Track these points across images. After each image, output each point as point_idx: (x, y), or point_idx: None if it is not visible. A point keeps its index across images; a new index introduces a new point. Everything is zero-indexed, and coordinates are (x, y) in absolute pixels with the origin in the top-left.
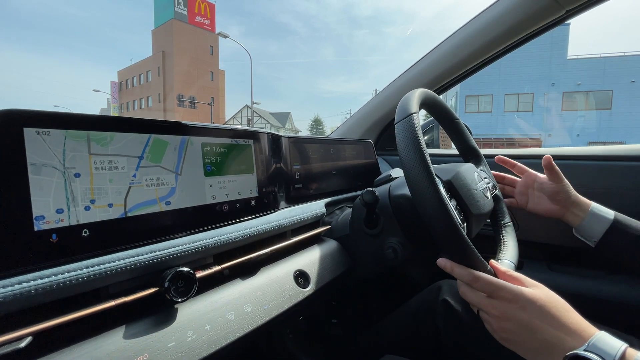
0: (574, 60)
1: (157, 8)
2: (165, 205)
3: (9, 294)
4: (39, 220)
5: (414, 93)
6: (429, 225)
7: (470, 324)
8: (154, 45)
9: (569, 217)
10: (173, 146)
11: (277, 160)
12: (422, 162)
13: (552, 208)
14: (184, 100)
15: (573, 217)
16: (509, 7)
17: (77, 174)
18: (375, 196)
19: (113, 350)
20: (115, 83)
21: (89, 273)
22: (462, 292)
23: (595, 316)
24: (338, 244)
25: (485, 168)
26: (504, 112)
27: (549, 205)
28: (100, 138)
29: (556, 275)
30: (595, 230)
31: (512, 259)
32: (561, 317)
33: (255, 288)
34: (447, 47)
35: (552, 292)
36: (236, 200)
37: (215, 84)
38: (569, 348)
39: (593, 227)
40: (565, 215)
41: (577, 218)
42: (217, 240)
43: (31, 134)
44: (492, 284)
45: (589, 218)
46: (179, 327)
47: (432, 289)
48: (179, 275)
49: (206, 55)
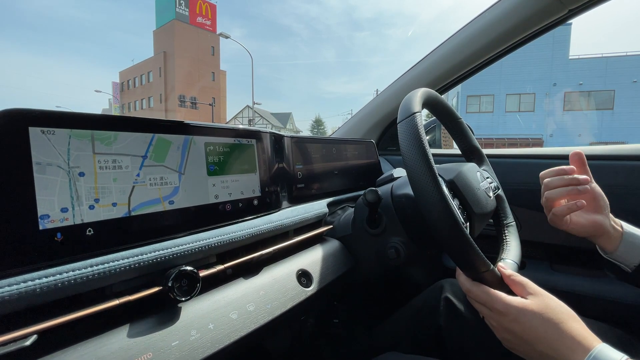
0: (576, 60)
1: (158, 9)
2: (169, 204)
3: (14, 293)
4: (43, 219)
5: (417, 92)
6: (432, 225)
7: (473, 323)
8: (155, 46)
9: (604, 240)
10: (176, 146)
11: (280, 160)
12: (425, 161)
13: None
14: (186, 100)
15: (607, 240)
16: (511, 6)
17: (82, 173)
18: (377, 196)
19: (117, 348)
20: (117, 84)
21: (93, 272)
22: (468, 298)
23: (598, 317)
24: (340, 243)
25: (488, 168)
26: (505, 112)
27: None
28: (104, 137)
29: (559, 275)
30: (631, 257)
31: (514, 258)
32: (559, 328)
33: (258, 287)
34: (448, 47)
35: (551, 301)
36: (239, 199)
37: (216, 84)
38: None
39: (629, 252)
40: (603, 235)
41: (611, 242)
42: (220, 239)
43: (36, 133)
44: (484, 294)
45: (624, 245)
46: (183, 326)
47: (434, 288)
48: (183, 274)
49: (207, 56)
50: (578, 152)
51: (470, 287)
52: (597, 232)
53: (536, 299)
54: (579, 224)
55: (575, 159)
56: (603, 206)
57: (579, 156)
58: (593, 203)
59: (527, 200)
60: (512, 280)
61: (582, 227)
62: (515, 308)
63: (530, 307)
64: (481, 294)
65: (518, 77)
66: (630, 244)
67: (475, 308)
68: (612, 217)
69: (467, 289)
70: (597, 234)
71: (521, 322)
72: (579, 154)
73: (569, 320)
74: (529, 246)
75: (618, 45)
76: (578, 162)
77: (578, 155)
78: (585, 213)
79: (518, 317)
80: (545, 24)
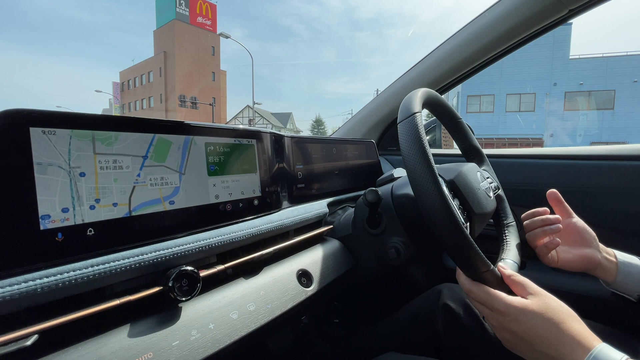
0: (576, 60)
1: (158, 9)
2: (169, 204)
3: (15, 292)
4: (44, 219)
5: (417, 92)
6: (432, 225)
7: (472, 329)
8: (155, 46)
9: (600, 272)
10: (177, 146)
11: (280, 160)
12: (425, 162)
13: (579, 255)
14: (186, 100)
15: (604, 272)
16: (511, 6)
17: (83, 174)
18: (378, 196)
19: (118, 348)
20: (117, 83)
21: (94, 272)
22: (468, 298)
23: (598, 317)
24: (340, 243)
25: (488, 168)
26: (505, 112)
27: (576, 253)
28: (105, 138)
29: (559, 275)
30: (631, 286)
31: (515, 258)
32: (560, 328)
33: (259, 287)
34: (449, 47)
35: (551, 301)
36: (239, 199)
37: (216, 84)
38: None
39: (628, 282)
40: (597, 268)
41: (608, 273)
42: (220, 239)
43: (37, 133)
44: (485, 293)
45: (621, 275)
46: (183, 326)
47: (431, 293)
48: (183, 274)
49: (208, 56)
50: (553, 191)
51: (470, 286)
52: (590, 266)
53: (536, 299)
54: (567, 259)
55: (551, 197)
56: (589, 239)
57: (554, 195)
58: (578, 237)
59: (528, 200)
60: (512, 280)
61: (572, 262)
62: (515, 308)
63: (530, 306)
64: (481, 293)
65: (518, 77)
66: (628, 274)
67: (475, 310)
68: (604, 248)
69: (468, 288)
70: (590, 267)
71: (521, 322)
72: (554, 192)
73: (570, 320)
74: (530, 246)
75: (619, 45)
76: (554, 200)
77: (554, 194)
78: (573, 248)
79: (518, 316)
80: (545, 24)
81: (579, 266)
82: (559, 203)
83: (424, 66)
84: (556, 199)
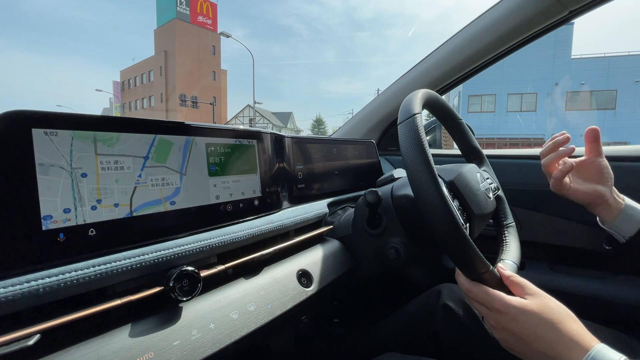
0: (578, 60)
1: (159, 8)
2: (170, 205)
3: (17, 293)
4: (46, 220)
5: (417, 93)
6: (432, 226)
7: (472, 329)
8: (156, 45)
9: (602, 210)
10: (178, 146)
11: (280, 160)
12: (425, 163)
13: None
14: (186, 100)
15: (606, 210)
16: (512, 7)
17: (84, 174)
18: (378, 196)
19: (119, 348)
20: (118, 83)
21: (95, 272)
22: (467, 297)
23: (597, 318)
24: (340, 243)
25: (488, 168)
26: (507, 112)
27: (589, 186)
28: (106, 138)
29: (558, 276)
30: (627, 228)
31: (514, 259)
32: (558, 328)
33: (259, 287)
34: (449, 48)
35: (550, 302)
36: (240, 200)
37: (217, 83)
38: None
39: (626, 224)
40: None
41: (610, 212)
42: (221, 239)
43: (39, 134)
44: (484, 293)
45: (623, 216)
46: (184, 326)
47: (431, 293)
48: (184, 274)
49: (208, 55)
50: (594, 129)
51: (469, 286)
52: (597, 201)
53: (535, 299)
54: (578, 190)
55: (589, 134)
56: (607, 178)
57: (593, 133)
58: (597, 174)
59: (527, 201)
60: (511, 281)
61: (581, 193)
62: (514, 307)
63: (529, 306)
64: (480, 293)
65: (520, 77)
66: (629, 216)
67: (474, 310)
68: (616, 191)
69: (467, 288)
70: (596, 202)
71: (520, 322)
72: (594, 130)
73: (568, 320)
74: (529, 247)
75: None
76: (591, 137)
77: (593, 131)
78: (587, 182)
79: (517, 316)
80: (545, 25)
81: (586, 199)
82: (594, 141)
83: (425, 67)
84: (593, 136)
